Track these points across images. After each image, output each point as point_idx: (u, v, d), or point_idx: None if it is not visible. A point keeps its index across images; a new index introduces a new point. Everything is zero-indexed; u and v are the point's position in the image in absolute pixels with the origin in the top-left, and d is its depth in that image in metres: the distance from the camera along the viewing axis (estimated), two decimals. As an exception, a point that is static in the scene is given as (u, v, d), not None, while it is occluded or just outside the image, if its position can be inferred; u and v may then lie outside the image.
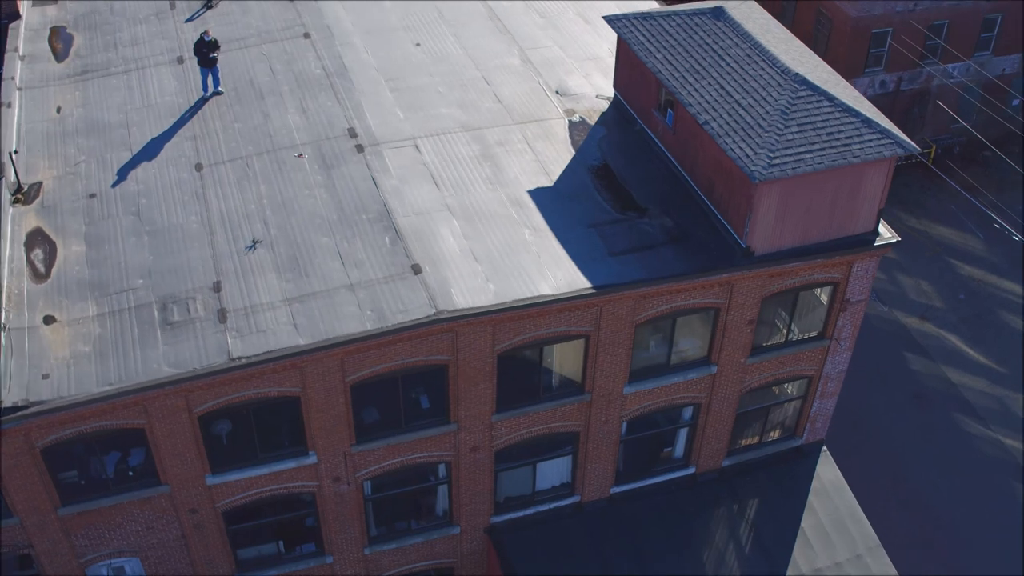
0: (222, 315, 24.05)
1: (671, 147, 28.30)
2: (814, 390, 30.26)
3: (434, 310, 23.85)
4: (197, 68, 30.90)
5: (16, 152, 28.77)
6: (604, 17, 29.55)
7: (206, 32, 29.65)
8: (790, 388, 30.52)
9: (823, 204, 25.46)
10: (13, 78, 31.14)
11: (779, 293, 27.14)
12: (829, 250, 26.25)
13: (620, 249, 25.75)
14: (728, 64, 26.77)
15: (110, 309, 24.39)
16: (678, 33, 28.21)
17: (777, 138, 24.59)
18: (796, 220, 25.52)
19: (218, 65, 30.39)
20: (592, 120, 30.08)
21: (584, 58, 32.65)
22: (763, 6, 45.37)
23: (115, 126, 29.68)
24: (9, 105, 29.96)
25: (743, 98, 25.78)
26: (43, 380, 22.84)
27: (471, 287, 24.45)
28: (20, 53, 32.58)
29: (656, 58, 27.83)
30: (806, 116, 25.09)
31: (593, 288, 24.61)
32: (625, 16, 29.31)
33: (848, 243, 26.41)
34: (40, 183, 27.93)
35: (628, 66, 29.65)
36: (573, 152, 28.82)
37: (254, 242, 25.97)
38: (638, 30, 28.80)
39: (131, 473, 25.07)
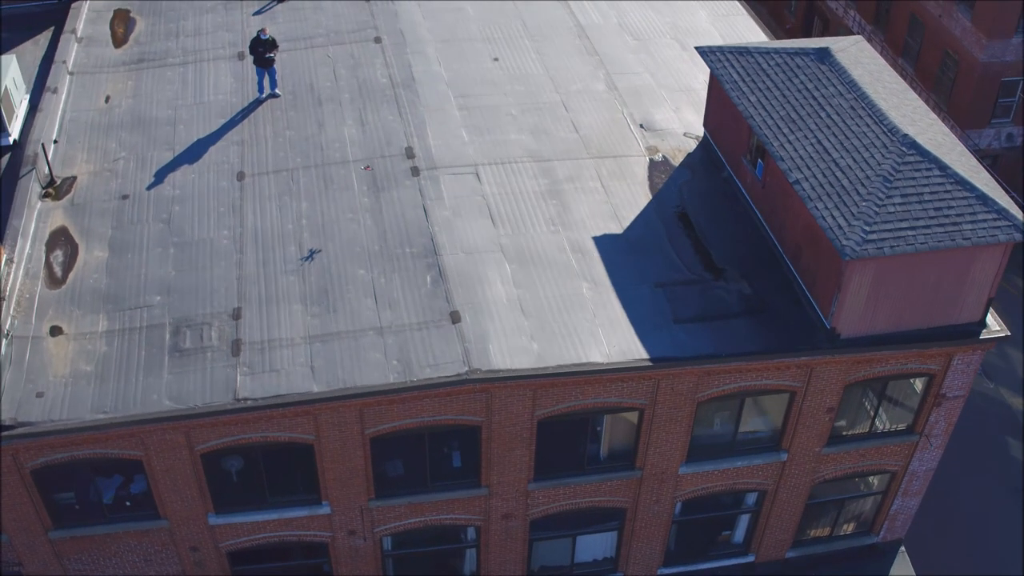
0: (236, 347, 21.85)
1: (759, 202, 25.19)
2: (896, 486, 26.85)
3: (466, 368, 21.27)
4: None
5: (56, 142, 27.10)
6: (697, 48, 26.52)
7: (263, 30, 27.53)
8: (870, 481, 27.15)
9: (923, 288, 22.12)
10: (65, 62, 29.50)
11: (865, 380, 23.86)
12: (926, 339, 22.89)
13: (688, 315, 22.79)
14: (829, 115, 23.54)
15: (120, 326, 22.40)
16: (776, 74, 25.05)
17: (876, 209, 21.33)
18: (891, 303, 22.23)
19: (276, 66, 28.25)
20: (676, 161, 27.09)
21: (676, 89, 29.64)
22: (888, 44, 41.68)
23: (162, 122, 27.77)
24: (55, 91, 28.28)
25: (842, 157, 22.54)
26: (36, 399, 20.95)
27: (512, 345, 21.79)
28: (78, 35, 30.97)
29: (749, 100, 24.73)
30: (912, 185, 21.76)
31: (650, 360, 21.73)
32: (720, 49, 26.24)
33: (949, 333, 22.99)
34: (74, 178, 26.15)
35: (719, 105, 26.60)
36: (650, 196, 25.90)
37: (311, 252, 23.83)
38: (732, 66, 25.71)
39: (129, 503, 23.11)
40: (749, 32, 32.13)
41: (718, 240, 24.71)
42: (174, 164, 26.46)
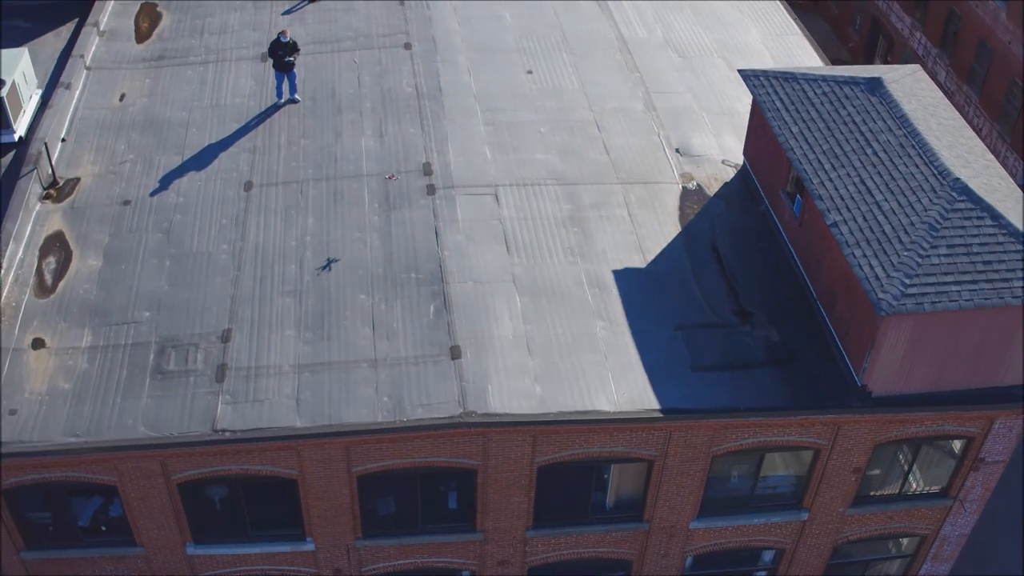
0: (221, 372, 20.59)
1: (795, 241, 23.28)
2: (926, 551, 24.81)
3: (461, 410, 19.75)
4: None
5: (64, 140, 26.12)
6: (740, 72, 24.64)
7: (283, 32, 26.24)
8: (899, 543, 25.13)
9: (966, 347, 20.09)
10: (83, 56, 28.53)
11: (898, 440, 21.90)
12: (966, 402, 20.86)
13: (707, 363, 21.01)
14: (875, 152, 21.55)
15: (105, 342, 21.27)
16: (823, 104, 23.09)
17: (918, 260, 19.34)
18: (929, 362, 20.23)
19: (296, 70, 26.94)
20: (711, 190, 25.25)
21: (718, 111, 27.76)
22: (954, 68, 39.13)
23: (174, 124, 26.65)
24: (68, 87, 27.30)
25: (886, 200, 20.56)
26: (9, 416, 19.89)
27: (514, 387, 20.22)
28: (100, 28, 30.00)
29: (790, 131, 22.82)
30: (960, 236, 19.71)
31: (660, 412, 20.01)
32: (764, 74, 24.34)
33: (992, 396, 20.92)
34: (78, 179, 25.13)
35: (760, 133, 24.70)
36: (679, 228, 24.11)
37: (329, 261, 22.66)
38: (776, 93, 23.80)
39: (105, 527, 22.02)
40: (803, 54, 30.09)
41: (748, 280, 22.87)
42: (181, 170, 25.30)
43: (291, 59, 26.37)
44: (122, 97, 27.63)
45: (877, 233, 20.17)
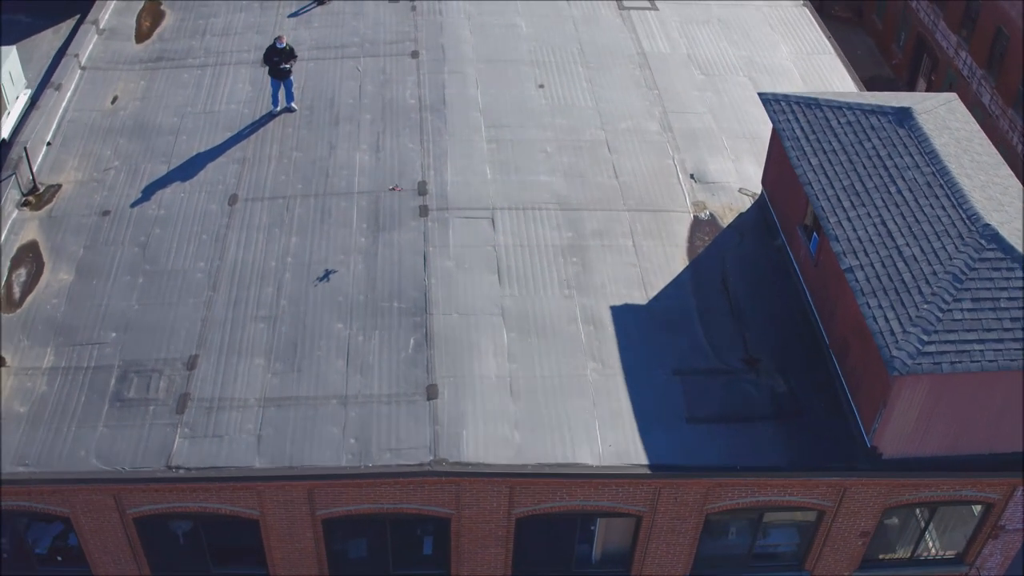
0: (183, 403, 19.32)
1: (810, 282, 21.53)
2: (944, 621, 22.95)
3: (431, 457, 18.30)
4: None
5: (49, 144, 25.07)
6: (760, 95, 22.89)
7: (279, 38, 24.91)
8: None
9: (987, 410, 18.27)
10: (78, 55, 27.47)
11: (909, 504, 20.12)
12: (986, 468, 19.01)
13: (705, 414, 19.37)
14: (900, 191, 19.74)
15: (67, 364, 20.11)
16: (846, 134, 21.30)
17: (939, 315, 17.54)
18: (946, 425, 18.43)
19: (292, 78, 25.63)
20: (725, 220, 23.55)
21: (739, 135, 26.01)
22: (999, 91, 36.82)
23: (164, 131, 25.47)
24: (59, 88, 26.25)
25: (907, 245, 18.76)
26: (-41, 441, 18.83)
27: (491, 433, 18.72)
28: (100, 26, 28.93)
29: (809, 163, 21.06)
30: (987, 288, 17.86)
31: (648, 468, 18.41)
32: (786, 98, 22.57)
33: (1015, 462, 19.05)
34: (59, 186, 24.03)
35: (779, 162, 22.96)
36: (687, 261, 22.45)
37: (327, 273, 21.50)
38: (797, 120, 22.04)
39: (60, 558, 20.89)
40: (834, 75, 28.21)
41: (757, 323, 21.16)
42: (166, 180, 24.11)
43: (287, 66, 25.06)
44: (114, 99, 26.52)
45: (896, 282, 18.38)
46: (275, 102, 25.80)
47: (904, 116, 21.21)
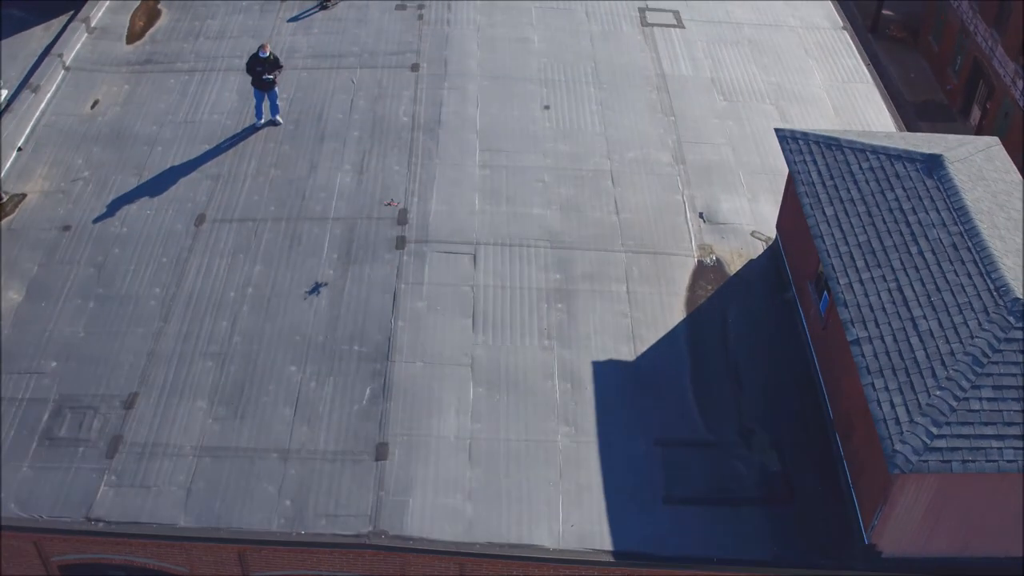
0: (114, 446, 17.71)
1: (818, 346, 19.29)
2: None
3: (370, 528, 16.46)
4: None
5: (20, 149, 23.67)
6: (777, 131, 20.64)
7: (263, 46, 23.18)
8: None
9: (1002, 513, 15.94)
10: (62, 55, 26.04)
11: (919, 609, 17.83)
12: (998, 572, 16.66)
13: (685, 493, 17.25)
14: (921, 252, 17.41)
15: (3, 394, 18.62)
16: (867, 182, 18.99)
17: (953, 404, 15.24)
18: (955, 526, 16.13)
19: (277, 89, 23.92)
20: (732, 268, 21.36)
21: (758, 170, 23.77)
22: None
23: (141, 140, 23.92)
24: (37, 89, 24.84)
25: (924, 317, 16.45)
26: None
27: (441, 503, 16.81)
28: (92, 24, 27.50)
29: (823, 213, 18.80)
30: (1012, 375, 15.50)
31: (612, 555, 16.36)
32: (804, 137, 20.30)
33: (1039, 572, 16.74)
34: (23, 196, 22.61)
35: (794, 207, 20.71)
36: (685, 312, 20.32)
37: (318, 285, 20.04)
38: (814, 162, 19.77)
39: (-12, 603, 19.48)
40: (870, 107, 25.77)
41: (755, 388, 18.97)
42: (134, 194, 22.56)
43: (270, 76, 23.33)
44: (95, 104, 25.06)
45: (907, 360, 16.08)
46: (259, 115, 24.11)
47: (934, 164, 18.85)
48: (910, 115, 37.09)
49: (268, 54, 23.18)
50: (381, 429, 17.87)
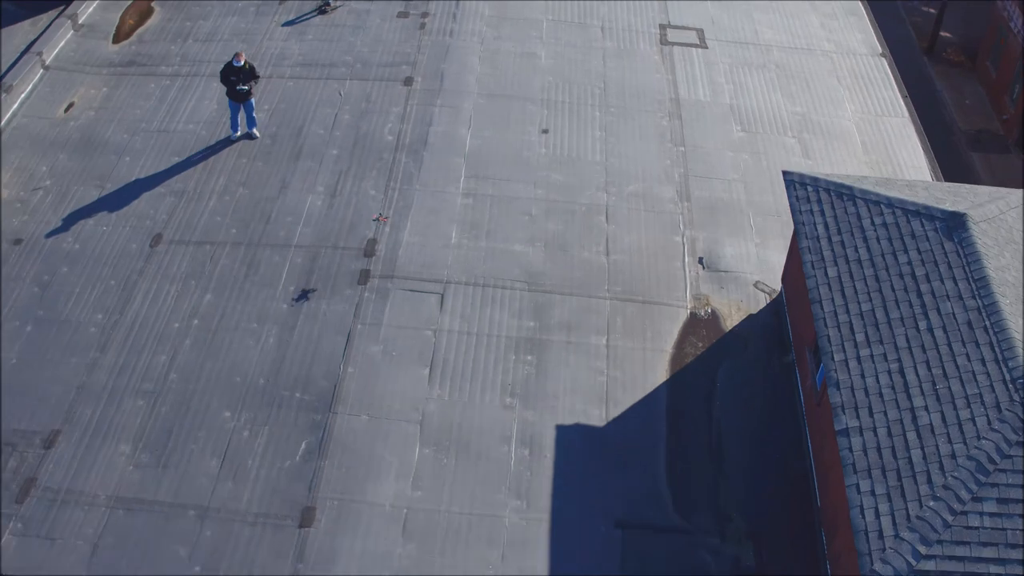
0: (26, 490, 16.23)
1: (812, 423, 17.13)
2: None
3: (281, 609, 14.76)
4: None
5: (-18, 154, 22.39)
6: (784, 174, 18.47)
7: (237, 55, 21.54)
8: None
9: (1013, 653, 13.68)
10: (42, 53, 24.71)
11: None
12: None
13: (642, 586, 15.30)
14: (931, 328, 15.18)
15: (-85, 425, 17.29)
16: (879, 240, 16.77)
17: (947, 517, 13.03)
18: (954, 660, 13.92)
19: (253, 100, 22.29)
20: (729, 322, 19.26)
21: (771, 211, 21.58)
22: None
23: (110, 148, 22.48)
24: (9, 90, 23.50)
25: (926, 408, 14.24)
26: None
27: (363, 583, 15.07)
28: (79, 21, 26.14)
29: (825, 274, 16.63)
30: (1019, 487, 13.26)
31: (547, 659, 14.48)
32: (814, 183, 18.11)
33: None
34: (-22, 204, 21.33)
35: (799, 261, 18.54)
36: (669, 372, 18.28)
37: (305, 292, 18.93)
38: (822, 213, 17.59)
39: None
40: (904, 145, 23.38)
41: (739, 467, 16.89)
42: (94, 207, 21.11)
43: (245, 87, 21.71)
44: (69, 107, 23.69)
45: (901, 460, 13.91)
46: (234, 127, 22.52)
47: (955, 224, 16.54)
48: (962, 144, 34.41)
49: (243, 63, 21.55)
50: (311, 491, 16.14)
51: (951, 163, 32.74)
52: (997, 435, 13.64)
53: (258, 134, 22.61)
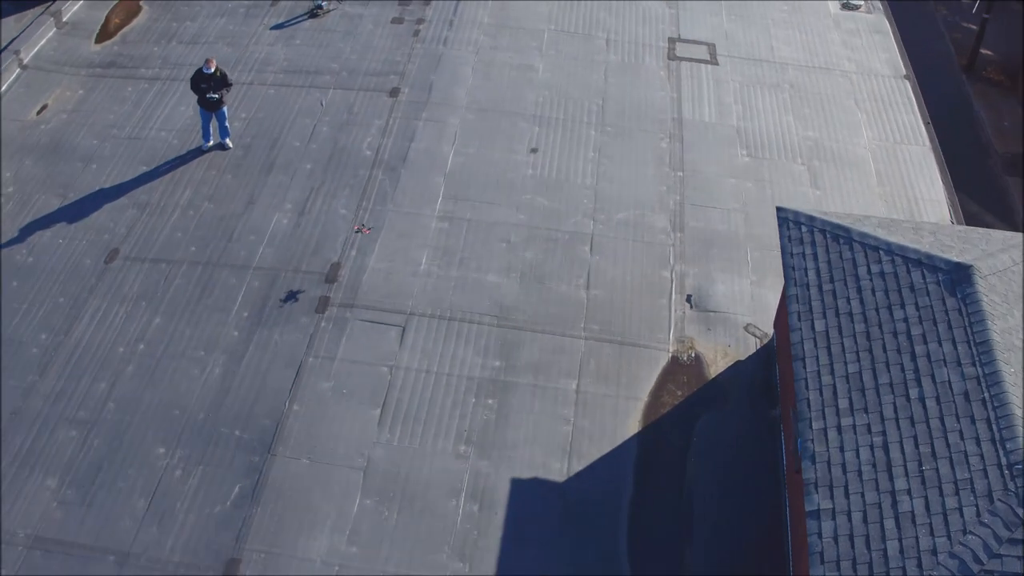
0: (-61, 528, 15.25)
1: (791, 491, 15.61)
2: None
3: (187, 677, 13.57)
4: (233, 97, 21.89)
5: (-53, 157, 21.47)
6: (778, 211, 16.89)
7: (208, 61, 20.37)
8: None
9: None
10: (19, 52, 23.76)
11: None
12: None
13: (588, 666, 13.90)
14: (923, 399, 13.58)
15: None
16: (874, 292, 15.17)
17: (921, 631, 11.53)
18: None
19: (226, 109, 21.13)
20: (713, 369, 17.74)
21: (771, 245, 19.97)
22: None
23: (77, 155, 21.45)
24: (-21, 90, 22.66)
25: (908, 492, 12.66)
26: None
27: (281, 650, 13.83)
28: (63, 19, 25.17)
29: (811, 328, 15.08)
30: (1009, 596, 11.72)
31: None
32: (810, 222, 16.50)
33: None
34: (-64, 211, 20.41)
35: (787, 312, 16.97)
36: (642, 424, 16.83)
37: (292, 293, 18.12)
38: (814, 258, 16.01)
39: None
40: (921, 176, 21.63)
41: (708, 533, 15.40)
42: (52, 218, 20.07)
43: (215, 96, 20.54)
44: (42, 109, 22.70)
45: (875, 552, 12.37)
46: (206, 137, 21.37)
47: (960, 277, 14.90)
48: (997, 168, 32.38)
49: (213, 70, 20.38)
50: (238, 541, 14.93)
51: (985, 187, 30.81)
52: (986, 530, 12.04)
53: (231, 144, 21.46)
